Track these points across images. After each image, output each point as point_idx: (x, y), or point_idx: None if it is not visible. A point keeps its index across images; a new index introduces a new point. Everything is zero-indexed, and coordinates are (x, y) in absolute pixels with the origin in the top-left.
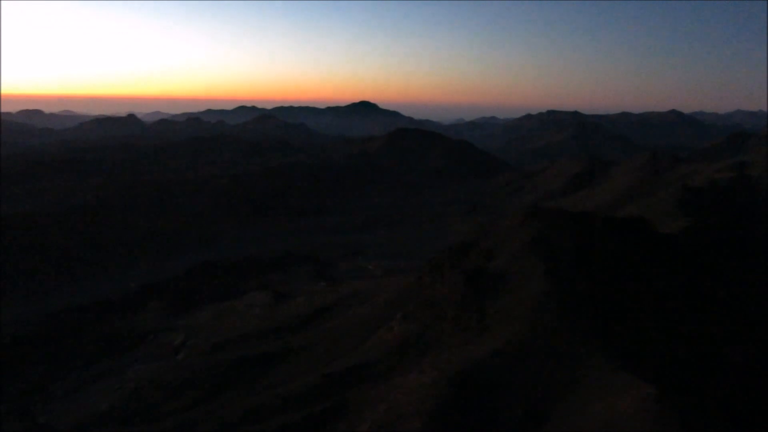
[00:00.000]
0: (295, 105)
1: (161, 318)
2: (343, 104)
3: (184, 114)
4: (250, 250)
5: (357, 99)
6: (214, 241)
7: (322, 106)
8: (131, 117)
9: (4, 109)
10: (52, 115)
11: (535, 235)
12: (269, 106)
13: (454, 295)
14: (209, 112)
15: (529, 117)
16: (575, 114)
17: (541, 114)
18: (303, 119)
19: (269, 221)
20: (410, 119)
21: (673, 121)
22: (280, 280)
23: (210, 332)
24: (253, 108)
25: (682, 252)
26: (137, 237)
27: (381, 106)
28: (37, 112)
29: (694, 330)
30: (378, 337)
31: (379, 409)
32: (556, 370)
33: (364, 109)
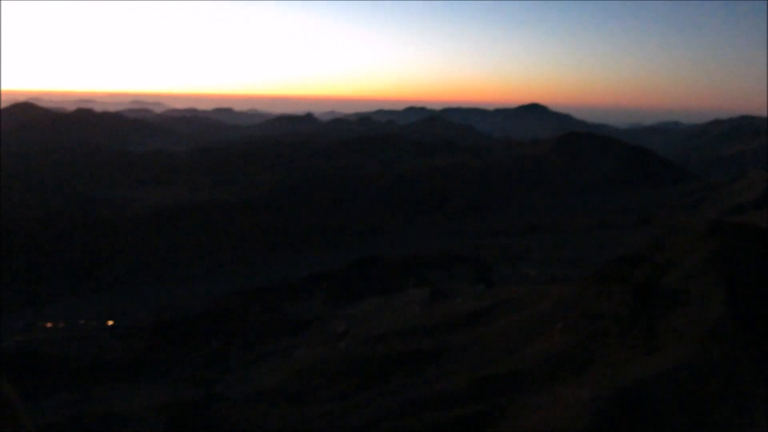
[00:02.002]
0: (464, 106)
1: (325, 306)
2: (512, 106)
3: (356, 114)
4: (412, 248)
5: (526, 101)
6: (377, 236)
7: (491, 108)
8: (309, 116)
9: (199, 107)
10: (240, 113)
11: (717, 252)
12: (438, 108)
13: (620, 310)
14: (380, 112)
15: (717, 122)
16: None
17: (731, 119)
18: (471, 121)
19: (432, 220)
20: (582, 122)
21: None
22: (439, 279)
23: (370, 324)
24: (422, 109)
25: None
26: (307, 228)
27: (552, 108)
28: (228, 111)
29: None
30: (535, 346)
31: (533, 419)
32: (727, 398)
33: (533, 111)
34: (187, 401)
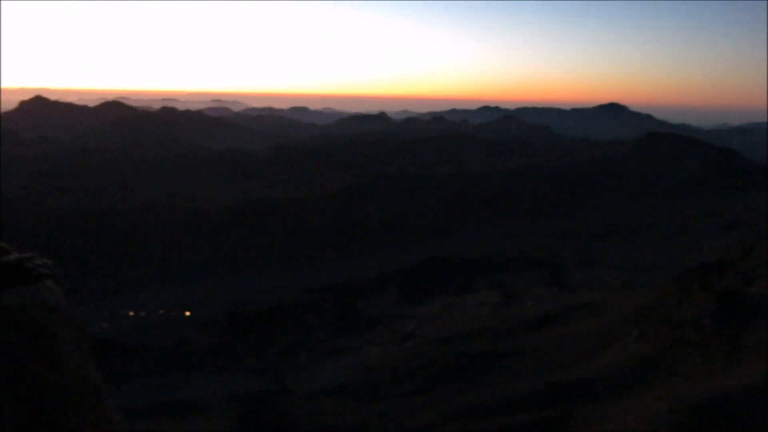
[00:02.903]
0: (539, 106)
1: (395, 305)
2: (589, 105)
3: (429, 113)
4: (483, 249)
5: (605, 100)
6: (448, 236)
7: (567, 108)
8: (382, 115)
9: (276, 106)
10: (316, 112)
11: None
12: (512, 107)
13: (702, 319)
14: (453, 111)
15: None
16: None
17: None
18: (546, 121)
19: (503, 221)
20: (664, 123)
21: None
22: (510, 282)
23: (439, 324)
24: (497, 108)
25: None
26: (378, 226)
27: (631, 108)
28: (303, 109)
29: None
30: (610, 353)
31: (606, 429)
32: None
33: (612, 111)
34: (259, 393)
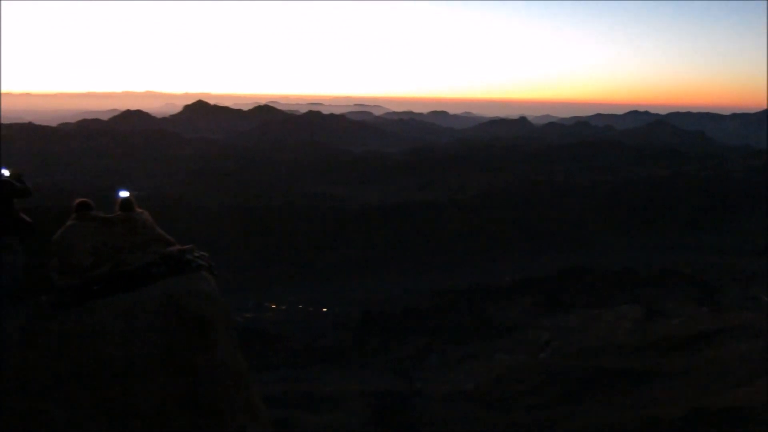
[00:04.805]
0: (693, 110)
1: (530, 314)
2: (752, 110)
3: (572, 118)
4: (626, 261)
5: None
6: (589, 246)
7: (726, 112)
8: (522, 120)
9: (416, 110)
10: (454, 116)
11: None
12: (663, 112)
13: None
14: (598, 116)
15: None
16: None
17: None
18: (701, 126)
19: (649, 233)
20: None
21: None
22: (655, 297)
23: (575, 337)
24: (646, 113)
25: None
26: (516, 231)
27: None
28: (443, 114)
29: None
30: (763, 382)
31: None
32: None
33: None
34: (391, 392)
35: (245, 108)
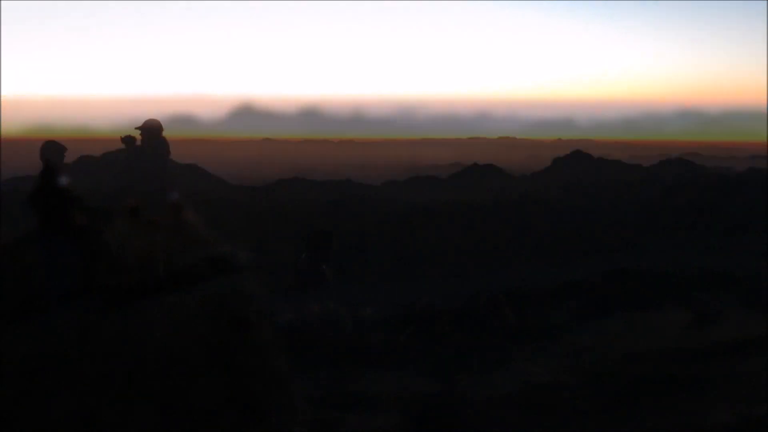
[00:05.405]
0: (748, 110)
1: (573, 318)
2: None
3: (620, 118)
4: (676, 263)
5: None
6: (638, 247)
7: None
8: (568, 121)
9: (458, 112)
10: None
11: None
12: (715, 111)
13: None
14: (646, 115)
15: None
16: None
17: None
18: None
19: (702, 235)
20: None
21: None
22: (704, 301)
23: (620, 342)
24: (697, 113)
25: None
26: (562, 232)
27: None
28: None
29: None
30: None
31: None
32: None
33: None
34: (432, 394)
35: (288, 111)
